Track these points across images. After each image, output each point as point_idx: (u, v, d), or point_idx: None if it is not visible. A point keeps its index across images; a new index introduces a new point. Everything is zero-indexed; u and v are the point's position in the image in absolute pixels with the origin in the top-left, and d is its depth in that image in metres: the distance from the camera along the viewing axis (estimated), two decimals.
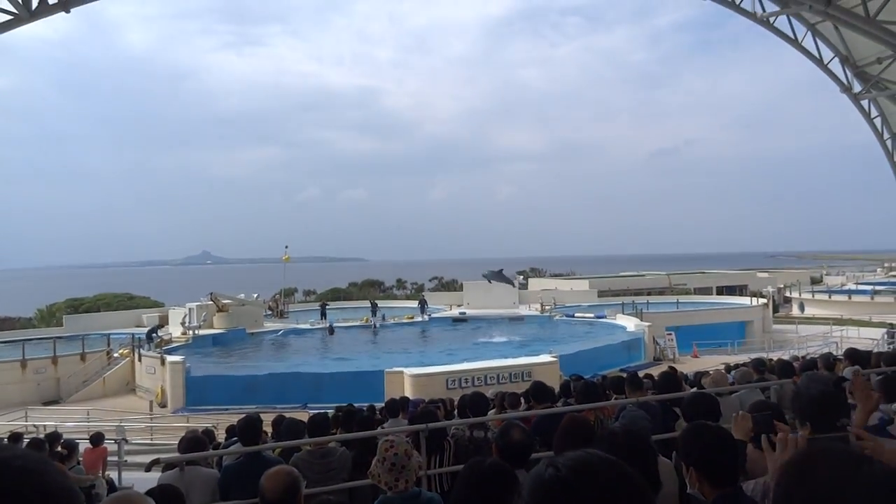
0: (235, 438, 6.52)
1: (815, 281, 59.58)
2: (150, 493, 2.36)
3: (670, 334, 29.42)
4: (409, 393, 16.83)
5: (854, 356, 7.21)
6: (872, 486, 0.92)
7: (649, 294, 46.76)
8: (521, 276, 55.18)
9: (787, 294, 50.18)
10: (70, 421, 18.82)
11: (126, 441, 13.22)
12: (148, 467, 5.39)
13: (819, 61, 18.67)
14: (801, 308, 45.71)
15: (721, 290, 49.84)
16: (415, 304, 40.99)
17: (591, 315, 35.20)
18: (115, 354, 26.72)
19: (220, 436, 11.72)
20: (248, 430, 5.16)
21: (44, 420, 18.71)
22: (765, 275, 59.11)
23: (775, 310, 41.52)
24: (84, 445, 10.37)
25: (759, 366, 7.73)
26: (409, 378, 19.69)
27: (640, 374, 8.23)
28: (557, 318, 36.38)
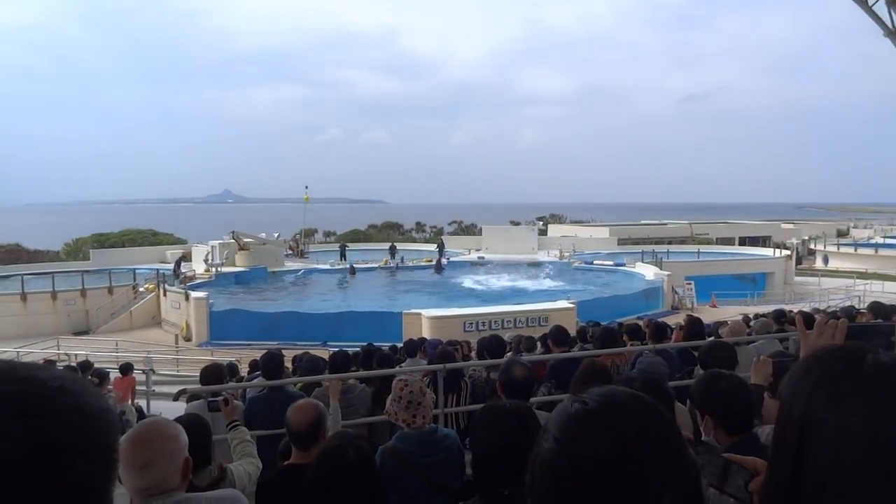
0: (258, 373, 6.72)
1: (842, 234, 58.42)
2: (177, 421, 2.45)
3: (689, 284, 29.28)
4: (426, 335, 17.10)
5: (878, 310, 7.12)
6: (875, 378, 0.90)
7: (670, 243, 46.33)
8: (541, 222, 54.87)
9: (812, 246, 49.36)
10: (100, 351, 19.53)
11: (153, 372, 13.68)
12: (175, 397, 5.60)
13: (863, 2, 17.70)
14: (825, 261, 45.03)
15: (744, 241, 49.18)
16: (434, 247, 41.13)
17: (610, 263, 35.06)
18: (141, 289, 27.38)
19: (244, 370, 12.07)
20: (270, 364, 5.30)
21: (74, 349, 19.41)
22: (790, 226, 58.05)
23: (798, 262, 40.97)
24: (114, 375, 10.77)
25: (780, 317, 7.68)
26: (426, 320, 19.96)
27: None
28: (576, 264, 36.34)
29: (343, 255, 37.40)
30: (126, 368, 11.02)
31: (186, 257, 32.89)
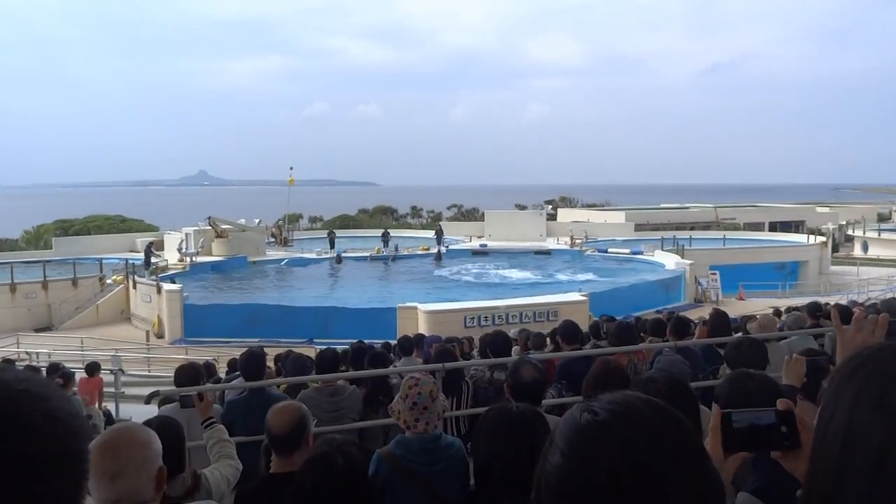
0: (237, 373, 6.73)
1: (883, 218, 58.33)
2: (149, 425, 2.45)
3: (714, 274, 29.31)
4: (423, 330, 17.12)
5: None
6: None
7: (692, 229, 46.31)
8: (550, 206, 54.86)
9: (850, 232, 49.38)
10: (63, 349, 19.55)
11: (122, 372, 13.73)
12: (147, 400, 5.60)
13: None
14: (865, 248, 45.07)
15: (774, 227, 49.19)
16: (431, 234, 41.14)
17: (627, 251, 35.07)
18: (109, 281, 27.38)
19: (222, 370, 12.10)
20: (251, 363, 5.30)
21: (36, 347, 19.43)
22: (825, 210, 58.01)
23: (835, 249, 41.02)
24: (79, 375, 10.79)
25: (815, 310, 7.68)
26: (423, 314, 20.00)
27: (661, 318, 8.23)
28: (588, 253, 36.34)
29: (331, 243, 37.41)
30: (92, 368, 11.04)
31: (158, 245, 32.88)
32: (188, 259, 30.98)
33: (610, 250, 36.04)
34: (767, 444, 1.36)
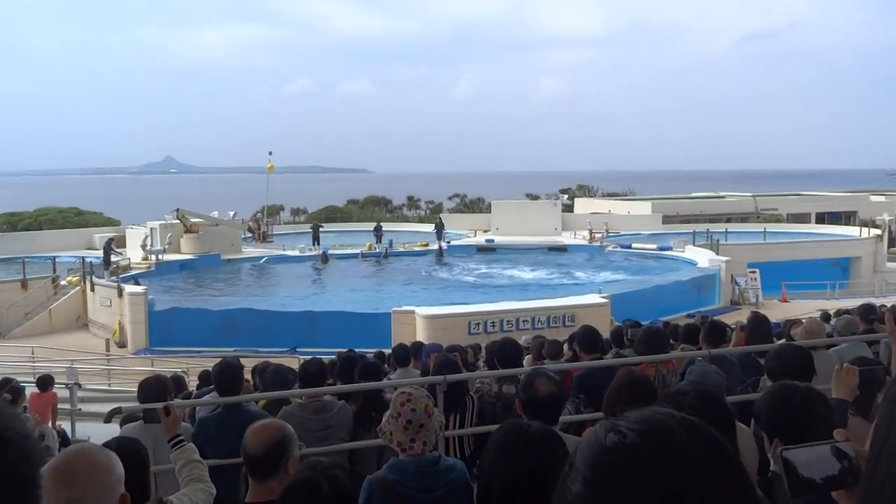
0: (210, 387, 6.73)
1: None
2: (109, 447, 2.45)
3: (754, 272, 29.29)
4: (422, 338, 17.13)
5: None
6: None
7: (729, 221, 46.25)
8: (566, 196, 54.87)
9: None
10: (12, 360, 19.57)
11: (79, 386, 13.73)
12: (107, 418, 5.61)
13: None
14: None
15: (822, 218, 49.12)
16: (430, 227, 41.12)
17: (653, 246, 35.05)
18: (63, 282, 27.38)
19: (192, 383, 12.11)
20: (225, 376, 5.30)
21: None
22: (881, 198, 57.89)
23: (891, 243, 40.95)
24: (30, 390, 10.80)
25: (868, 313, 7.68)
26: (421, 319, 20.00)
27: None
28: (610, 248, 36.31)
29: (316, 239, 37.40)
30: (45, 382, 11.05)
31: (119, 242, 32.87)
32: (153, 257, 31.00)
33: (634, 246, 36.02)
34: (830, 486, 1.40)
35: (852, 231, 39.49)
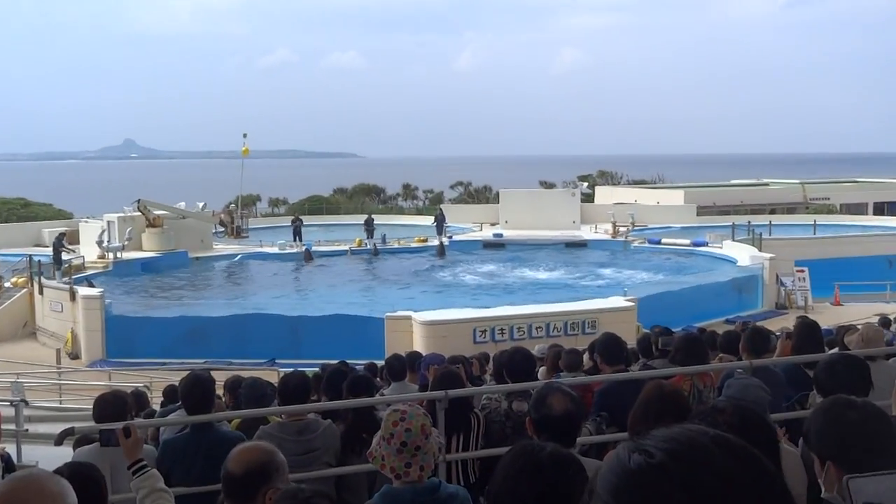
0: (177, 404, 6.73)
1: None
2: (60, 473, 2.45)
3: (802, 271, 29.27)
4: (420, 347, 17.14)
5: None
6: None
7: (773, 212, 46.20)
8: (585, 183, 54.86)
9: None
10: None
11: (26, 403, 13.73)
12: (58, 440, 5.60)
13: None
14: None
15: (881, 209, 49.05)
16: (429, 220, 41.14)
17: (686, 241, 35.02)
18: (7, 284, 27.42)
19: (156, 400, 12.13)
20: (194, 392, 5.30)
21: None
22: None
23: None
24: None
25: None
26: (419, 326, 20.00)
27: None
28: (636, 244, 36.31)
29: (298, 234, 37.42)
30: None
31: (72, 237, 32.88)
32: (111, 255, 31.01)
33: (664, 241, 35.97)
34: None
35: None
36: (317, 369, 10.36)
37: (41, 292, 25.90)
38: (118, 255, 31.14)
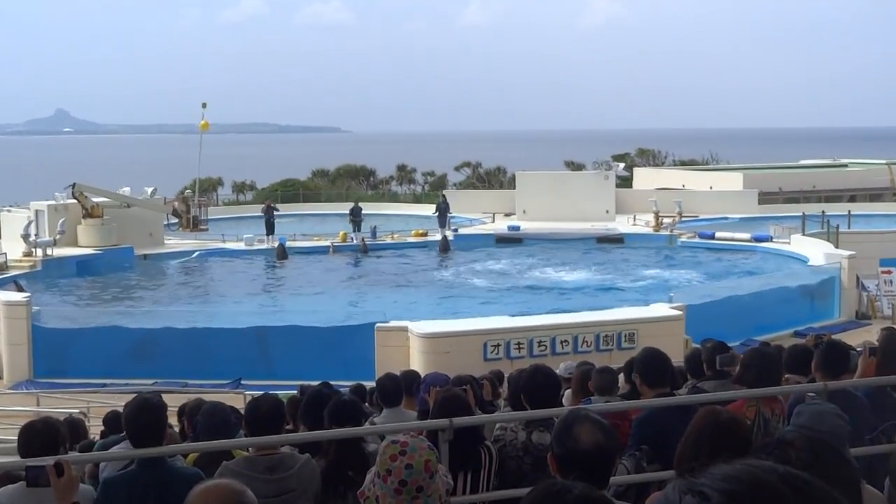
0: (120, 434, 6.73)
1: None
2: None
3: (888, 272, 29.23)
4: (418, 365, 17.14)
5: None
6: None
7: (853, 199, 46.08)
8: (621, 164, 54.85)
9: None
10: None
11: None
12: None
13: None
14: None
15: None
16: (430, 209, 41.09)
17: (746, 236, 34.95)
18: None
19: (94, 429, 12.14)
20: (140, 419, 5.31)
21: None
22: None
23: None
24: None
25: None
26: (417, 339, 19.97)
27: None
28: (684, 239, 36.29)
29: (269, 226, 37.38)
30: None
31: None
32: (40, 252, 31.00)
33: (718, 235, 35.87)
34: None
35: None
36: (293, 392, 10.38)
37: None
38: (48, 251, 31.13)
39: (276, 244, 35.17)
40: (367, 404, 9.30)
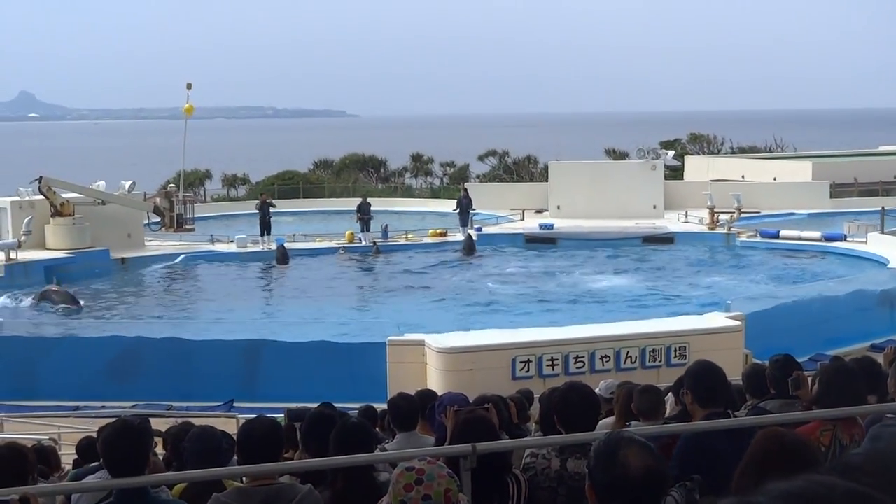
0: (96, 463, 6.79)
1: None
2: None
3: None
4: (436, 384, 17.17)
5: None
6: None
7: None
8: (671, 153, 54.69)
9: None
10: None
11: None
12: None
13: None
14: None
15: None
16: (450, 206, 41.08)
17: (815, 234, 34.82)
18: None
19: (67, 457, 12.22)
20: (120, 446, 5.36)
21: None
22: None
23: None
24: None
25: None
26: (436, 355, 19.98)
27: None
28: (744, 238, 36.16)
29: (265, 225, 37.42)
30: None
31: None
32: (2, 256, 31.16)
33: (783, 234, 35.73)
34: None
35: None
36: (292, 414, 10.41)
37: None
38: (12, 255, 31.31)
39: (272, 246, 35.26)
40: (377, 428, 9.33)
